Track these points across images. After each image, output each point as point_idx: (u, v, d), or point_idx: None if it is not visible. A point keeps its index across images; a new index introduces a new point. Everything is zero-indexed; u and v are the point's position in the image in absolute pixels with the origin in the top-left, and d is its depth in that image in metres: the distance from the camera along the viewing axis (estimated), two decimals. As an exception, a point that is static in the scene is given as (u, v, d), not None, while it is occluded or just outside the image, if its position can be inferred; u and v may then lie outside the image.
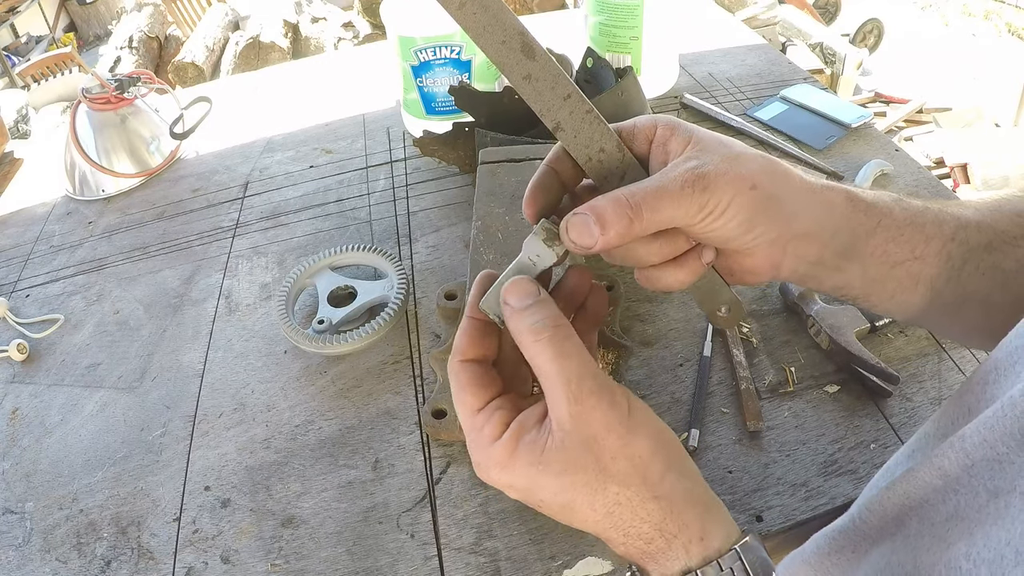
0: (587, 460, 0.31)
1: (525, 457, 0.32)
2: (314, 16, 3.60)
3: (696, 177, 0.32)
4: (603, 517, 0.32)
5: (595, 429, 0.31)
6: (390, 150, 1.01)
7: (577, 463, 0.31)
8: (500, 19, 0.32)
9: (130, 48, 3.46)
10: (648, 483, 0.32)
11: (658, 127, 0.35)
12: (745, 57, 1.13)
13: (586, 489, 0.32)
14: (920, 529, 0.32)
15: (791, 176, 0.35)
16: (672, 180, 0.32)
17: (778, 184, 0.34)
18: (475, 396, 0.34)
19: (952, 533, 0.30)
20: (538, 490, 0.32)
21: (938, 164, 2.47)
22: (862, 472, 0.54)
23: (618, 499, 0.32)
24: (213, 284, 0.81)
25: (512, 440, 0.32)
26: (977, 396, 0.35)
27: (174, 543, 0.56)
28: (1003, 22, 3.97)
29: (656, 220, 0.32)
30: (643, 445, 0.32)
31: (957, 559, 0.28)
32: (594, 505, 0.32)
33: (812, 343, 0.65)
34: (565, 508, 0.32)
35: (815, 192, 0.35)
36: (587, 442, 0.31)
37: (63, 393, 0.70)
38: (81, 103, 1.00)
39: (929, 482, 0.32)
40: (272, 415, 0.65)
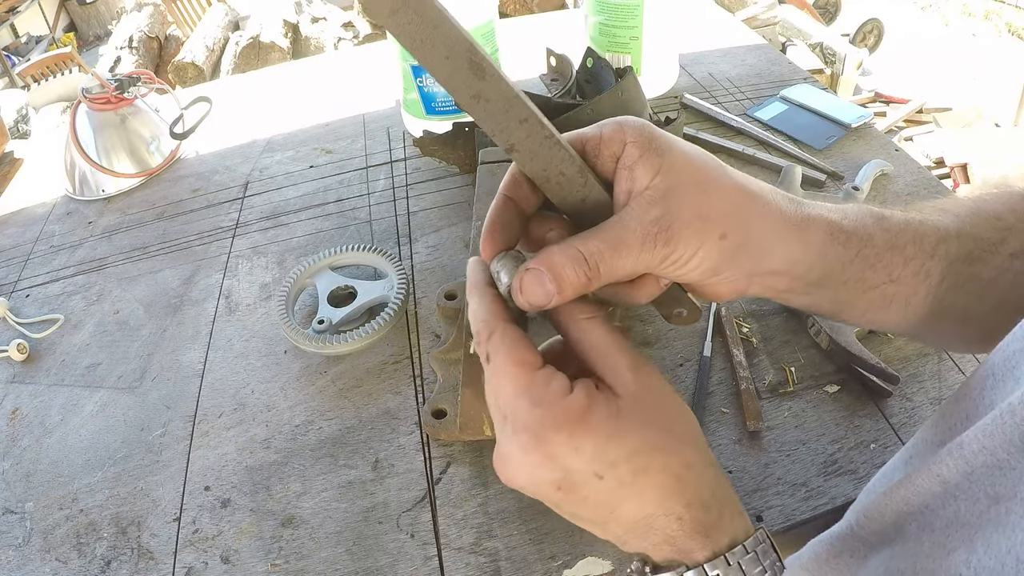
0: (661, 420, 0.31)
1: (603, 411, 0.30)
2: (314, 16, 3.61)
3: (659, 231, 0.30)
4: (674, 479, 0.30)
5: (657, 393, 0.31)
6: (390, 150, 1.01)
7: (652, 420, 0.30)
8: (441, 31, 0.28)
9: (130, 48, 3.46)
10: (704, 449, 0.32)
11: (626, 145, 0.32)
12: (745, 57, 1.13)
13: (664, 448, 0.30)
14: (919, 535, 0.32)
15: (768, 213, 0.33)
16: (633, 233, 0.30)
17: (752, 226, 0.32)
18: (533, 354, 0.31)
19: (952, 540, 0.29)
20: (614, 449, 0.29)
21: (938, 164, 2.47)
22: (862, 472, 0.54)
23: (688, 461, 0.31)
24: (213, 284, 0.81)
25: (585, 396, 0.30)
26: (975, 401, 0.34)
27: (174, 543, 0.56)
28: (1003, 22, 3.97)
29: (614, 275, 0.31)
30: (691, 414, 0.33)
31: (957, 566, 0.28)
32: (668, 466, 0.30)
33: (812, 343, 0.65)
34: (635, 473, 0.30)
35: (792, 229, 0.33)
36: (657, 404, 0.31)
37: (63, 393, 0.70)
38: (81, 103, 1.00)
39: (928, 488, 0.32)
40: (272, 415, 0.65)
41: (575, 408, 0.29)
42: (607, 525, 0.32)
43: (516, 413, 0.30)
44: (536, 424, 0.29)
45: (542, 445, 0.29)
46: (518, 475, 0.31)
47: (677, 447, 0.31)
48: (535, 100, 0.84)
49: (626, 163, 0.31)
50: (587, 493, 0.30)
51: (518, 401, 0.30)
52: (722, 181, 0.32)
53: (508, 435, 0.30)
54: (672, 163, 0.31)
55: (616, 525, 0.32)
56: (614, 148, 0.32)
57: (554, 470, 0.30)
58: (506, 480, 0.31)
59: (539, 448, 0.29)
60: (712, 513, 0.31)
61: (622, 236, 0.30)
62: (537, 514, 0.54)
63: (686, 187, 0.31)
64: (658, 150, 0.31)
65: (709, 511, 0.31)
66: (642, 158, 0.31)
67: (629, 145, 0.31)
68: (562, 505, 0.32)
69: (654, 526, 0.31)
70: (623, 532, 0.32)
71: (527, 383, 0.30)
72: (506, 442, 0.31)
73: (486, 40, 0.91)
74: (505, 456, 0.31)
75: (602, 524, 0.32)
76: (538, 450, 0.29)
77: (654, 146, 0.31)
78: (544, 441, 0.29)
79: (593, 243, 0.30)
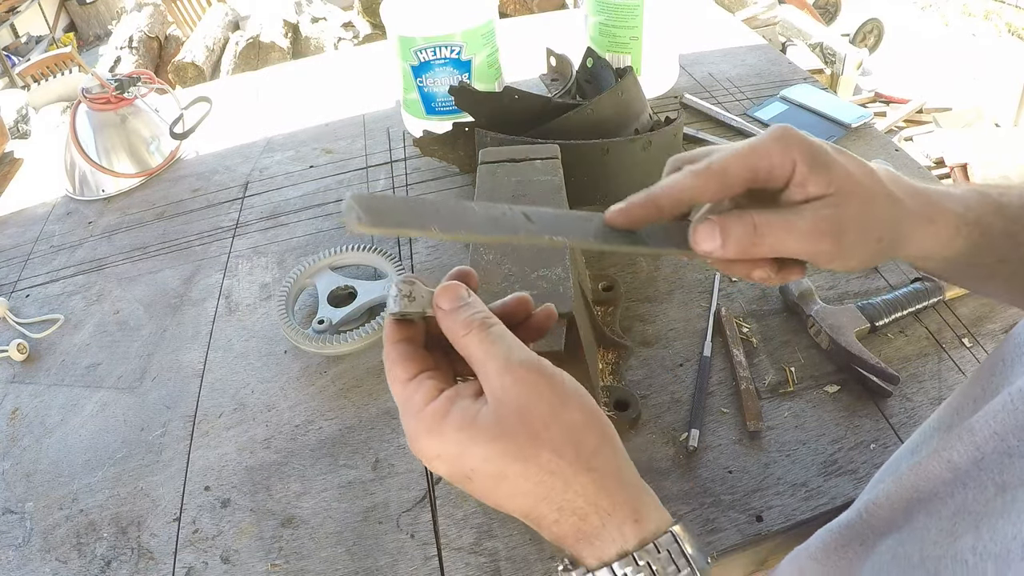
0: (520, 427, 0.31)
1: (456, 421, 0.31)
2: (314, 16, 3.60)
3: (828, 228, 0.34)
4: (535, 486, 0.31)
5: (527, 398, 0.31)
6: (390, 150, 1.01)
7: (510, 429, 0.31)
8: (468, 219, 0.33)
9: (130, 48, 3.46)
10: (581, 454, 0.31)
11: (796, 165, 0.35)
12: (745, 57, 1.13)
13: (519, 456, 0.30)
14: (927, 522, 0.32)
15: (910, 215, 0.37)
16: (805, 222, 0.34)
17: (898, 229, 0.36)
18: (404, 369, 0.34)
19: (959, 526, 0.30)
20: (468, 457, 0.31)
21: (938, 164, 2.47)
22: (862, 472, 0.54)
23: (551, 467, 0.31)
24: (213, 284, 0.81)
25: (444, 404, 0.32)
26: (983, 387, 0.35)
27: (174, 543, 0.56)
28: (1003, 22, 3.97)
29: (775, 249, 0.35)
30: (576, 415, 0.32)
31: (963, 552, 0.28)
32: (526, 473, 0.30)
33: (812, 343, 0.65)
34: (496, 478, 0.31)
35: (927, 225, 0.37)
36: (520, 409, 0.31)
37: (63, 393, 0.70)
38: (81, 103, 1.00)
39: (939, 475, 0.33)
40: (272, 415, 0.65)
41: (429, 419, 0.32)
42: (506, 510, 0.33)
43: (403, 421, 0.33)
44: (411, 432, 0.33)
45: (419, 450, 0.33)
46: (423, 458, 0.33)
47: (537, 455, 0.30)
48: (536, 100, 0.84)
49: (798, 181, 0.35)
50: (471, 488, 0.32)
51: (401, 412, 0.33)
52: (877, 190, 0.36)
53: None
54: (838, 176, 0.35)
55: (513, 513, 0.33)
56: (786, 169, 0.35)
57: (437, 468, 0.33)
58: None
59: (419, 452, 0.33)
60: (591, 521, 0.31)
61: (794, 221, 0.34)
62: (537, 514, 0.54)
63: (851, 199, 0.35)
64: (825, 165, 0.35)
65: (586, 519, 0.31)
66: (811, 174, 0.34)
67: (799, 164, 0.34)
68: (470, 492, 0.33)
69: (541, 526, 0.32)
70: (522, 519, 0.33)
71: (400, 394, 0.33)
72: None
73: (486, 40, 0.91)
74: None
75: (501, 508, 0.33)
76: (420, 453, 0.33)
77: (820, 161, 0.35)
78: (419, 447, 0.32)
79: (767, 217, 0.34)
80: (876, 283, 0.70)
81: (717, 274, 0.72)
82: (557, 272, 0.52)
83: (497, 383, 0.31)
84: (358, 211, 0.29)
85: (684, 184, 0.35)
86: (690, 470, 0.56)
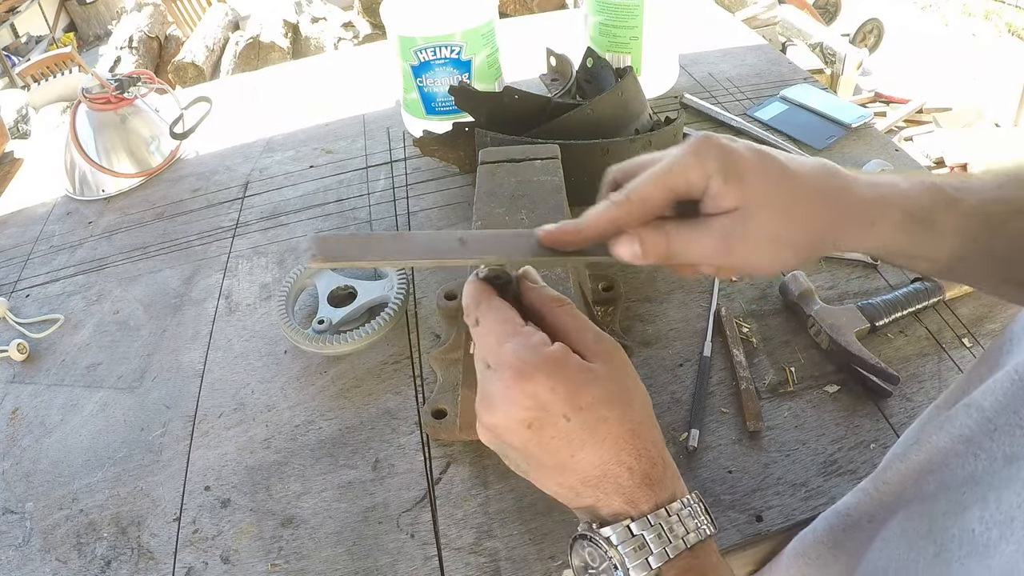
0: (622, 381, 0.35)
1: (577, 362, 0.34)
2: (314, 16, 3.60)
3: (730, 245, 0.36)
4: (627, 432, 0.35)
5: (617, 361, 0.36)
6: (390, 150, 1.01)
7: (618, 381, 0.35)
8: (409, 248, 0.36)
9: (130, 48, 3.46)
10: (652, 414, 0.37)
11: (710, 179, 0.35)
12: (745, 57, 1.13)
13: (621, 402, 0.35)
14: (937, 493, 0.33)
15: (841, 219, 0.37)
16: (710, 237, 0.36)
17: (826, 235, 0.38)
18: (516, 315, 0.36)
19: (967, 497, 0.31)
20: (584, 394, 0.34)
21: (938, 164, 2.47)
22: (862, 472, 0.54)
23: (639, 417, 0.35)
24: (213, 284, 0.81)
25: (562, 349, 0.35)
26: (990, 366, 0.36)
27: (174, 543, 0.56)
28: (1003, 22, 3.97)
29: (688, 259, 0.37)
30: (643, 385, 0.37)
31: (971, 522, 0.29)
32: (623, 419, 0.35)
33: (812, 343, 0.65)
34: (598, 420, 0.34)
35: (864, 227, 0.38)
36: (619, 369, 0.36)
37: (63, 393, 0.70)
38: (81, 103, 1.00)
39: (950, 447, 0.34)
40: (272, 415, 0.65)
41: (555, 354, 0.34)
42: (565, 471, 0.35)
43: (502, 356, 0.34)
44: (520, 363, 0.33)
45: (524, 382, 0.33)
46: (496, 412, 0.34)
47: (633, 406, 0.36)
48: (536, 100, 0.84)
49: (711, 194, 0.36)
50: (554, 434, 0.34)
51: (503, 347, 0.34)
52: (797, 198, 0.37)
53: (492, 378, 0.35)
54: (751, 190, 0.36)
55: (572, 472, 0.35)
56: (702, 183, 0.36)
57: (529, 408, 0.33)
58: (485, 421, 0.35)
59: (520, 384, 0.33)
60: (658, 468, 0.35)
61: (701, 234, 0.36)
62: (537, 514, 0.54)
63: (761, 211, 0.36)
64: (738, 177, 0.35)
65: (655, 466, 0.35)
66: (724, 187, 0.35)
67: (713, 178, 0.35)
68: (528, 446, 0.35)
69: (608, 474, 0.34)
70: (578, 481, 0.35)
71: (512, 333, 0.35)
72: (489, 384, 0.35)
73: (486, 40, 0.91)
74: (486, 395, 0.35)
75: (560, 470, 0.35)
76: (519, 386, 0.33)
77: (734, 174, 0.35)
78: (526, 378, 0.33)
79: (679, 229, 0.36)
80: (876, 283, 0.70)
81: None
82: (557, 272, 0.52)
83: (598, 348, 0.36)
84: (313, 249, 0.33)
85: (608, 216, 0.36)
86: (690, 470, 0.56)
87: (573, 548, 0.36)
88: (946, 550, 0.29)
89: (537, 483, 0.37)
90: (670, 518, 0.34)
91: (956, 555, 0.28)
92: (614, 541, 0.33)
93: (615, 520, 0.34)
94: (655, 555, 0.33)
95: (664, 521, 0.34)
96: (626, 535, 0.33)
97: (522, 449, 0.35)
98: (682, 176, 0.36)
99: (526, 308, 0.38)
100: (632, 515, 0.34)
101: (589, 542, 0.35)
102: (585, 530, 0.35)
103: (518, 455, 0.36)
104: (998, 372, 0.33)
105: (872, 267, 0.72)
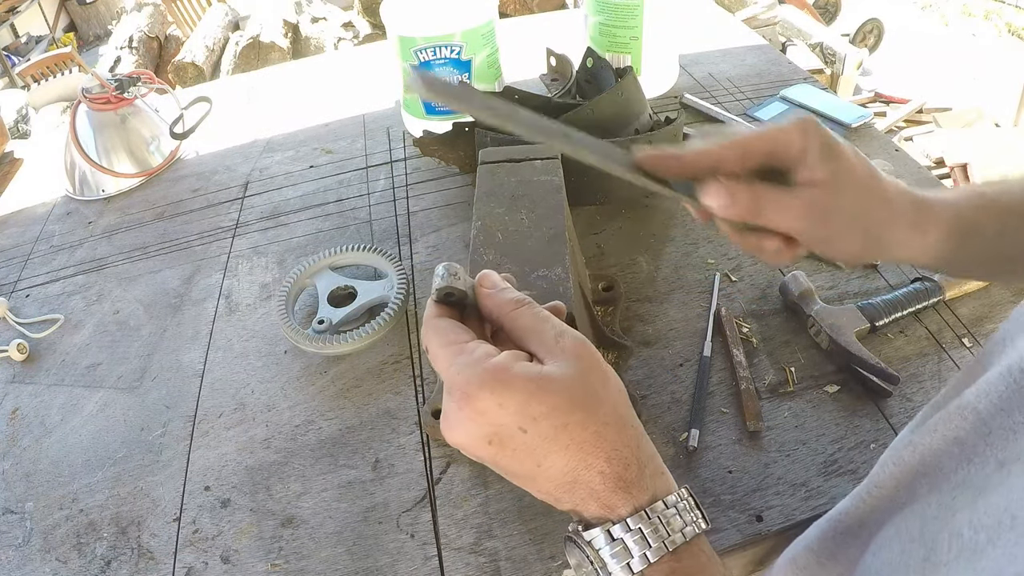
0: (582, 382, 0.34)
1: (524, 371, 0.33)
2: (314, 16, 3.60)
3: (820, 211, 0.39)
4: (592, 435, 0.33)
5: (585, 361, 0.34)
6: (390, 150, 1.01)
7: (575, 382, 0.33)
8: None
9: (130, 48, 3.46)
10: (626, 413, 0.35)
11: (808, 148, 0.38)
12: (745, 57, 1.13)
13: (582, 405, 0.33)
14: (928, 497, 0.33)
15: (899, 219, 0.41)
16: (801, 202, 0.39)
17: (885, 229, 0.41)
18: (458, 335, 0.35)
19: (958, 501, 0.31)
20: (535, 404, 0.32)
21: (938, 164, 2.46)
22: (862, 472, 0.54)
23: (606, 419, 0.34)
24: (213, 284, 0.81)
25: (508, 359, 0.33)
26: (984, 366, 0.36)
27: (174, 543, 0.56)
28: (1003, 22, 3.97)
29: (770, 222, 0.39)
30: (617, 382, 0.36)
31: (960, 526, 0.29)
32: (586, 422, 0.33)
33: (812, 343, 0.65)
34: (557, 428, 0.33)
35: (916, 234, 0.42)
36: (580, 369, 0.34)
37: (63, 393, 0.70)
38: (81, 103, 1.00)
39: (944, 450, 0.34)
40: (272, 415, 0.65)
41: (498, 368, 0.33)
42: (537, 480, 0.34)
43: (450, 378, 0.33)
44: (464, 383, 0.33)
45: (471, 402, 0.32)
46: (456, 432, 0.34)
47: (596, 406, 0.34)
48: (536, 101, 0.84)
49: (807, 164, 0.39)
50: (515, 446, 0.33)
51: (450, 368, 0.34)
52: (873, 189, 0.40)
53: (447, 399, 0.34)
54: (842, 168, 0.39)
55: (545, 480, 0.34)
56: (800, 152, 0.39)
57: (483, 425, 0.33)
58: (449, 440, 0.35)
59: (469, 404, 0.33)
60: (632, 470, 0.34)
61: (791, 198, 0.39)
62: (537, 514, 0.54)
63: (849, 190, 0.39)
64: (834, 156, 0.39)
65: (629, 467, 0.34)
66: (820, 161, 0.38)
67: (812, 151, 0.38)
68: (497, 460, 0.34)
69: (579, 480, 0.34)
70: (553, 487, 0.34)
71: (456, 352, 0.34)
72: (447, 405, 0.34)
73: (486, 40, 0.91)
74: (445, 415, 0.34)
75: (532, 479, 0.35)
76: (468, 406, 0.33)
77: (830, 152, 0.39)
78: (472, 398, 0.32)
79: (769, 190, 0.38)
80: (876, 283, 0.70)
81: (717, 274, 0.72)
82: (557, 272, 0.52)
83: (556, 347, 0.34)
84: (421, 84, 0.32)
85: (711, 150, 0.39)
86: (690, 470, 0.56)
87: (566, 547, 0.36)
88: (935, 553, 0.29)
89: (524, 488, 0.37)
90: (651, 520, 0.33)
91: (944, 559, 0.28)
92: (595, 545, 0.33)
93: (598, 522, 0.34)
94: (636, 559, 0.33)
95: (644, 524, 0.33)
96: (607, 539, 0.33)
97: (492, 463, 0.35)
98: (785, 139, 0.38)
99: (487, 317, 0.38)
100: (611, 519, 0.34)
101: (575, 544, 0.34)
102: (571, 532, 0.35)
103: (494, 467, 0.35)
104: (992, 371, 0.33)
105: (872, 267, 0.72)
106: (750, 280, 0.72)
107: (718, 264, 0.74)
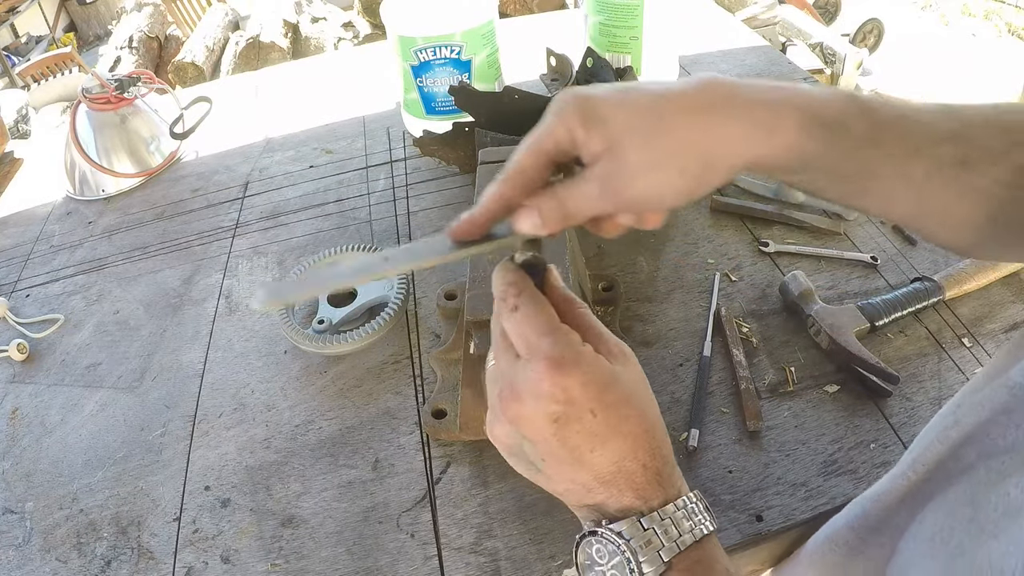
0: (640, 381, 0.38)
1: (607, 362, 0.36)
2: (314, 16, 3.60)
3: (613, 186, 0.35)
4: (643, 431, 0.36)
5: (637, 366, 0.38)
6: (390, 150, 1.01)
7: (635, 381, 0.37)
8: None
9: (130, 48, 3.46)
10: (660, 415, 0.38)
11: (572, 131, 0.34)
12: (745, 57, 1.13)
13: (639, 404, 0.37)
14: (976, 462, 0.34)
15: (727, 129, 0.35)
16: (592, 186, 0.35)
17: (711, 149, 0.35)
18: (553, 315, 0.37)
19: (1008, 465, 0.31)
20: (613, 391, 0.35)
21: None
22: (862, 472, 0.54)
23: (654, 419, 0.37)
24: (213, 284, 0.81)
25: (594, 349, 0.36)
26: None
27: (174, 543, 0.56)
28: (1003, 22, 3.97)
29: (581, 217, 0.36)
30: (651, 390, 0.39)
31: (1008, 487, 0.30)
32: (641, 417, 0.36)
33: (812, 343, 0.65)
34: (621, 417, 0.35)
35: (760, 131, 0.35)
36: (637, 371, 0.38)
37: (63, 393, 0.70)
38: (81, 103, 1.00)
39: (991, 418, 0.35)
40: (272, 415, 0.65)
41: (590, 353, 0.35)
42: (581, 468, 0.36)
43: (540, 347, 0.35)
44: (558, 356, 0.34)
45: (559, 374, 0.34)
46: (524, 403, 0.35)
47: (648, 406, 0.38)
48: (536, 100, 0.84)
49: (580, 145, 0.35)
50: (579, 428, 0.35)
51: (543, 339, 0.35)
52: (669, 118, 0.34)
53: (523, 368, 0.35)
54: (615, 127, 0.34)
55: (589, 468, 0.36)
56: (567, 138, 0.35)
57: (559, 402, 0.34)
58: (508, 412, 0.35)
59: (555, 377, 0.34)
60: (668, 466, 0.37)
61: (584, 186, 0.35)
62: (537, 514, 0.54)
63: (632, 145, 0.34)
64: (600, 121, 0.34)
65: (666, 463, 0.37)
66: (587, 135, 0.34)
67: (576, 129, 0.34)
68: (549, 441, 0.35)
69: (623, 470, 0.36)
70: (591, 477, 0.36)
71: (555, 327, 0.35)
72: (519, 373, 0.35)
73: (486, 40, 0.91)
74: (513, 385, 0.35)
75: (577, 465, 0.36)
76: (552, 378, 0.34)
77: (594, 119, 0.34)
78: (562, 370, 0.34)
79: (568, 188, 0.36)
80: (876, 283, 0.70)
81: (716, 274, 0.72)
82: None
83: (617, 350, 0.37)
84: (260, 296, 0.34)
85: (495, 195, 0.36)
86: (690, 470, 0.56)
87: (580, 546, 0.36)
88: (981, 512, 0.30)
89: (546, 481, 0.38)
90: (677, 513, 0.35)
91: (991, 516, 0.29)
92: (626, 535, 0.34)
93: (623, 516, 0.35)
94: (666, 548, 0.34)
95: (672, 516, 0.35)
96: (637, 529, 0.34)
97: (542, 443, 0.35)
98: (548, 137, 0.35)
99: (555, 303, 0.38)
100: (643, 510, 0.35)
101: (598, 538, 0.35)
102: (594, 527, 0.36)
103: (535, 450, 0.36)
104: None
105: (872, 267, 0.72)
106: (750, 280, 0.72)
107: (718, 264, 0.74)
